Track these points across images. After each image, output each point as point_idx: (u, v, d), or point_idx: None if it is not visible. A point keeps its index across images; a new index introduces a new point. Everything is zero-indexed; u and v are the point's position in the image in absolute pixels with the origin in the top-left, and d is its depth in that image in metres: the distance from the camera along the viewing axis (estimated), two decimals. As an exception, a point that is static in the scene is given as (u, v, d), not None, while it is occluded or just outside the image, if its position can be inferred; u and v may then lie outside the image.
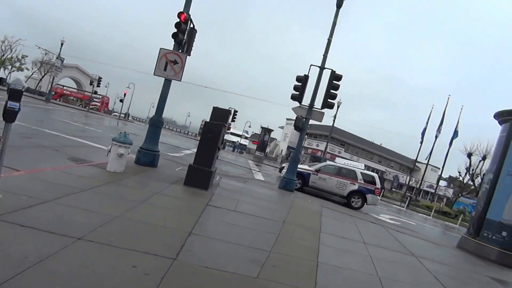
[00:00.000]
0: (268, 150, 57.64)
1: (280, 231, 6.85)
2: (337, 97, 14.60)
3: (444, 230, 22.50)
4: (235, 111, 37.55)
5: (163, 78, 10.97)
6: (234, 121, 38.46)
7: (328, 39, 14.37)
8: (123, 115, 57.49)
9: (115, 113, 65.47)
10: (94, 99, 57.38)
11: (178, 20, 10.46)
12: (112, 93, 67.76)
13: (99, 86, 46.28)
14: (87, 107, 49.69)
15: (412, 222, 19.65)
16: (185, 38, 10.93)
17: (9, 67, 65.12)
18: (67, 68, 72.79)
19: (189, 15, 10.78)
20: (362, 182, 16.46)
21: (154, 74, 10.89)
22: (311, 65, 14.47)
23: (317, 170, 16.92)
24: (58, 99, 55.49)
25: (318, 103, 14.51)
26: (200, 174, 8.87)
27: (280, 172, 22.85)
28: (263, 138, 48.37)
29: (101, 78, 47.22)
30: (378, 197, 17.04)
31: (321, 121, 15.36)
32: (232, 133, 71.38)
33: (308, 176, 16.87)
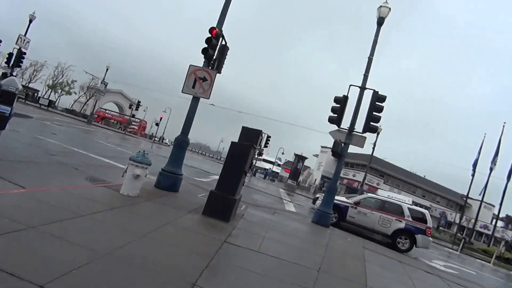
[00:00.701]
0: (301, 179, 55.80)
1: (315, 284, 5.37)
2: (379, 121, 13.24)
3: (512, 283, 18.94)
4: (268, 137, 36.28)
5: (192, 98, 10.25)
6: (267, 146, 37.09)
7: (369, 57, 13.32)
8: (157, 139, 58.16)
9: (155, 137, 66.59)
10: (132, 123, 58.45)
11: (210, 35, 9.86)
12: (150, 117, 69.00)
13: (137, 110, 47.13)
14: (125, 130, 50.53)
15: (471, 270, 16.99)
16: (215, 54, 10.29)
17: (59, 91, 68.86)
18: (111, 93, 75.85)
19: (221, 31, 10.17)
20: (410, 219, 14.18)
21: (182, 92, 10.28)
22: (351, 85, 13.23)
23: (356, 203, 15.02)
24: (100, 122, 57.13)
25: (358, 127, 13.22)
26: (221, 203, 7.73)
27: (314, 204, 21.26)
28: (296, 166, 46.76)
29: (140, 102, 48.02)
30: (430, 238, 14.56)
31: (362, 147, 13.80)
32: (264, 160, 70.17)
33: (346, 209, 15.04)
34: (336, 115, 13.19)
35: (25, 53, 26.51)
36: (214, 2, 10.95)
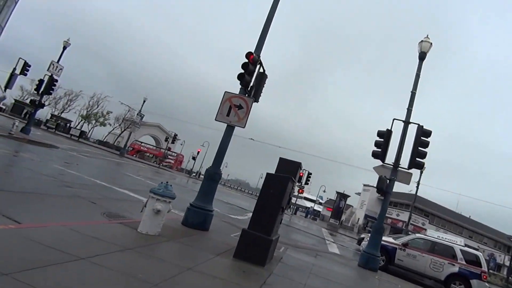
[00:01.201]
0: (343, 218, 53.67)
1: None
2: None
3: None
4: (309, 174, 35.21)
5: (227, 127, 9.41)
6: (308, 184, 35.90)
7: (412, 92, 12.87)
8: (195, 173, 57.78)
9: (194, 173, 66.88)
10: (169, 156, 58.44)
11: (246, 60, 9.14)
12: (188, 151, 68.93)
13: (173, 143, 47.01)
14: (160, 164, 50.38)
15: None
16: (252, 81, 9.53)
17: (93, 121, 69.73)
18: (148, 126, 76.26)
19: (259, 57, 9.50)
20: (464, 262, 12.92)
21: (215, 120, 9.40)
22: (394, 119, 12.54)
23: (405, 245, 13.75)
24: (134, 155, 57.32)
25: (403, 163, 12.40)
26: (255, 243, 6.54)
27: (359, 244, 19.71)
28: (338, 204, 45.21)
29: (176, 135, 47.96)
30: (487, 283, 13.10)
31: (408, 183, 12.83)
32: (305, 198, 69.11)
33: (394, 251, 13.75)
34: (380, 150, 12.43)
35: (56, 80, 25.91)
36: (254, 34, 10.42)
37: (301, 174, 35.08)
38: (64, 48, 26.46)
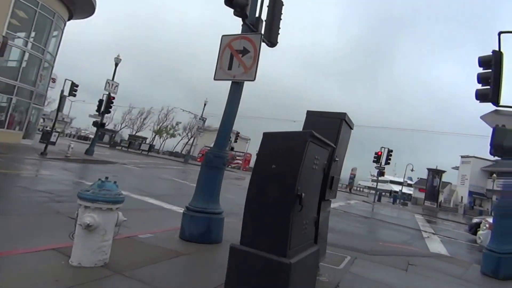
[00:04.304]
0: (441, 198, 46.57)
1: None
2: None
3: None
4: (390, 151, 30.32)
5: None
6: (389, 163, 30.76)
7: None
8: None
9: None
10: (237, 157, 56.62)
11: None
12: (254, 149, 66.47)
13: (236, 142, 44.48)
14: (229, 166, 48.59)
15: None
16: (257, 9, 6.29)
17: (164, 134, 71.47)
18: (216, 131, 76.47)
19: None
20: None
21: (214, 79, 6.36)
22: (501, 32, 7.86)
23: None
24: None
25: None
26: (258, 273, 3.21)
27: (472, 232, 14.28)
28: (432, 183, 39.10)
29: (239, 133, 45.52)
30: None
31: None
32: (391, 181, 62.72)
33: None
34: (488, 87, 8.04)
35: (114, 98, 25.65)
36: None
37: (379, 153, 30.26)
38: (116, 65, 26.04)
